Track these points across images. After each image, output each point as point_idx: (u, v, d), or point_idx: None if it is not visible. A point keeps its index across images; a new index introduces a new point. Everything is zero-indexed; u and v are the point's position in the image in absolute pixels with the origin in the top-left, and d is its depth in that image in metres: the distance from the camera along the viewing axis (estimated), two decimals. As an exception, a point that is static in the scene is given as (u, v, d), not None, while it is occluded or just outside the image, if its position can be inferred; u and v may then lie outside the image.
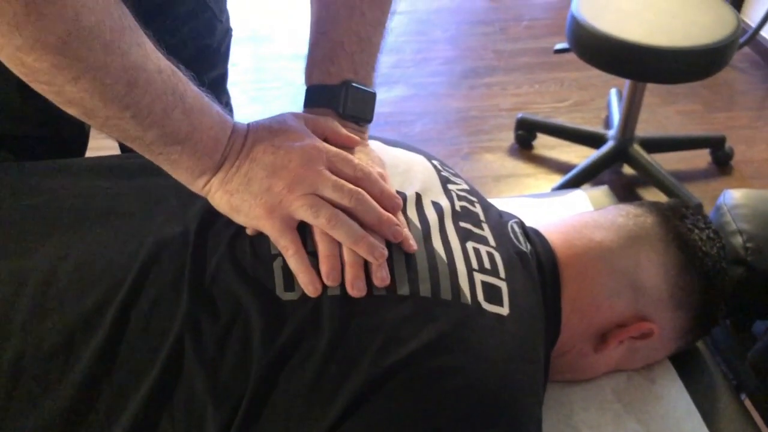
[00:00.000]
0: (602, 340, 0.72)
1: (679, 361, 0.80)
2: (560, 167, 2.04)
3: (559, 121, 2.15)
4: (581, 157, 2.02)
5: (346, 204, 0.58)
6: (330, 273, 0.56)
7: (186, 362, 0.54)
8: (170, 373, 0.54)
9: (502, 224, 0.70)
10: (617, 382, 0.77)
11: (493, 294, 0.60)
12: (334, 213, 0.57)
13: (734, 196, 0.91)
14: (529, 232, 0.74)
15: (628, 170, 2.01)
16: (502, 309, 0.60)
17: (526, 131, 2.10)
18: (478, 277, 0.60)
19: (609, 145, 1.94)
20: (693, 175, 2.03)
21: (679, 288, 0.72)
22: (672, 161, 2.01)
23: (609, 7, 1.71)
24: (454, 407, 0.54)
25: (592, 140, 2.01)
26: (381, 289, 0.57)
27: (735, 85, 2.42)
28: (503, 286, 0.62)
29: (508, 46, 2.61)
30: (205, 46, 0.89)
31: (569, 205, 1.01)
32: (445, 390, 0.54)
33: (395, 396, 0.53)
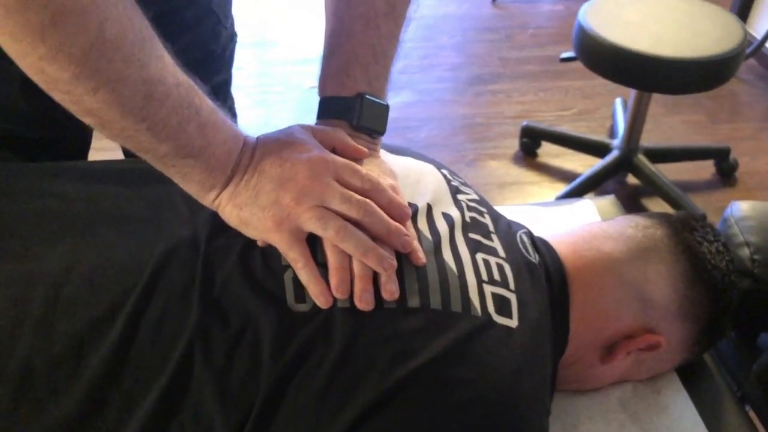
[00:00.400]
0: (609, 351, 0.72)
1: (684, 373, 0.80)
2: (564, 175, 2.04)
3: (564, 129, 2.15)
4: (585, 165, 2.02)
5: (354, 215, 0.57)
6: (339, 285, 0.56)
7: (195, 371, 0.54)
8: (179, 381, 0.54)
9: (511, 235, 0.70)
10: (623, 392, 0.77)
11: (503, 306, 0.60)
12: (343, 225, 0.57)
13: (742, 208, 0.91)
14: (538, 243, 0.74)
15: (632, 180, 2.01)
16: (511, 321, 0.60)
17: (531, 139, 2.11)
18: (488, 289, 0.61)
19: (613, 154, 1.95)
20: (697, 186, 2.03)
21: (688, 300, 0.72)
22: (676, 172, 2.01)
23: (616, 17, 1.71)
24: (463, 419, 0.54)
25: (597, 149, 2.01)
26: (391, 301, 0.57)
27: (740, 96, 2.42)
28: (512, 298, 0.62)
29: (514, 53, 2.62)
30: (209, 52, 0.90)
31: (576, 214, 1.01)
32: (454, 402, 0.54)
33: (404, 408, 0.53)
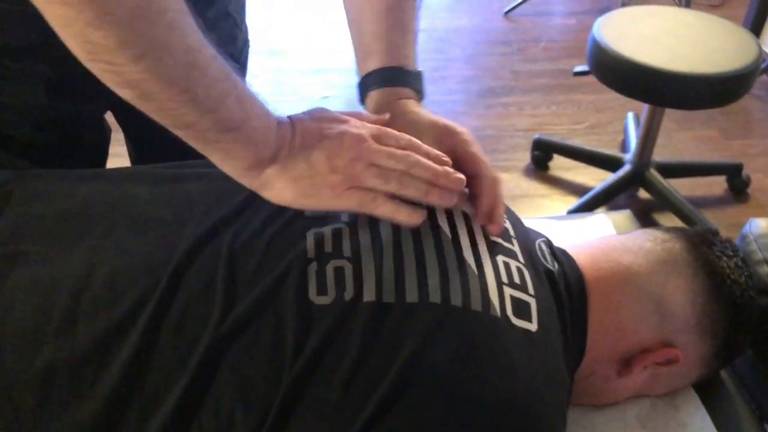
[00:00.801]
0: (626, 364, 0.71)
1: (702, 389, 0.79)
2: (576, 189, 2.04)
3: (576, 143, 2.15)
4: (597, 179, 2.01)
5: (402, 168, 0.60)
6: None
7: (216, 369, 0.54)
8: (201, 380, 0.54)
9: (530, 242, 0.70)
10: (640, 407, 0.76)
11: (521, 309, 0.60)
12: (400, 174, 0.59)
13: (761, 225, 0.91)
14: (557, 252, 0.73)
15: (643, 194, 2.01)
16: (531, 325, 0.60)
17: (543, 152, 2.11)
18: (507, 291, 0.61)
19: (626, 168, 1.94)
20: (709, 202, 2.02)
21: (706, 315, 0.71)
22: (688, 187, 2.00)
23: (630, 31, 1.72)
24: (480, 419, 0.54)
25: (609, 163, 2.01)
26: (414, 294, 0.57)
27: (752, 112, 2.41)
28: (532, 303, 0.62)
29: (526, 66, 2.62)
30: (228, 55, 0.90)
31: (592, 228, 1.00)
32: (472, 401, 0.54)
33: (421, 405, 0.53)
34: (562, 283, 0.69)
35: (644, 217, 1.97)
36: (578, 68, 2.47)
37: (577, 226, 1.01)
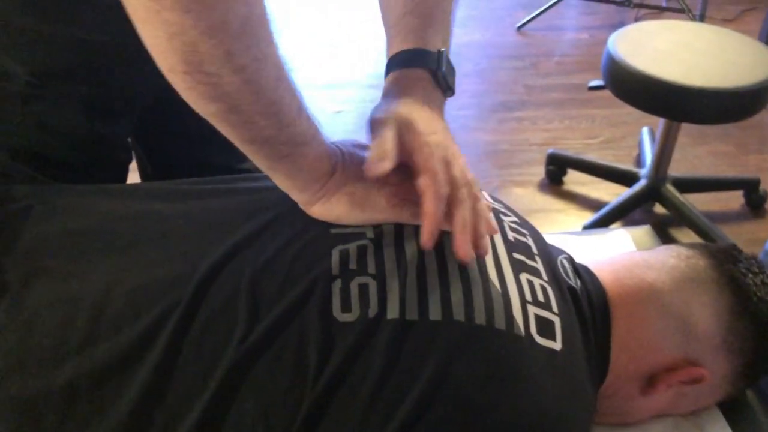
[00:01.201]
0: (650, 383, 0.70)
1: (728, 409, 0.77)
2: (591, 204, 2.03)
3: (591, 157, 2.14)
4: (612, 194, 2.00)
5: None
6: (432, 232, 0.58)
7: (238, 386, 0.53)
8: (222, 398, 0.53)
9: (552, 259, 0.69)
10: (664, 427, 0.75)
11: (546, 328, 0.60)
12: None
13: (784, 241, 0.89)
14: (580, 269, 0.73)
15: (659, 210, 1.99)
16: (555, 344, 0.59)
17: (557, 167, 2.10)
18: (531, 310, 0.60)
19: (641, 183, 1.93)
20: (726, 217, 2.00)
21: (732, 333, 0.70)
22: (705, 202, 1.99)
23: (646, 46, 1.71)
24: None
25: (624, 178, 1.99)
26: (437, 312, 0.56)
27: (768, 127, 2.40)
28: (557, 321, 0.61)
29: (539, 81, 2.62)
30: None
31: (612, 244, 0.99)
32: (496, 421, 0.54)
33: (445, 424, 0.53)
34: (585, 301, 0.68)
35: (661, 233, 1.94)
36: (593, 83, 2.47)
37: (597, 241, 1.01)
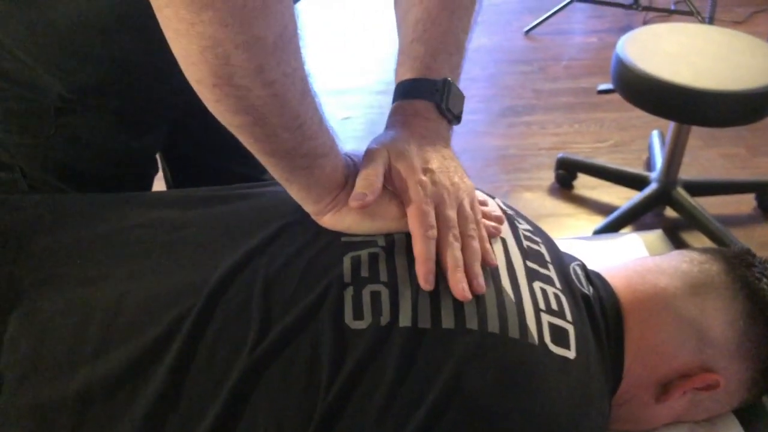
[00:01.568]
0: (664, 390, 0.70)
1: (743, 416, 0.77)
2: (601, 208, 2.02)
3: (601, 161, 2.13)
4: (623, 198, 1.99)
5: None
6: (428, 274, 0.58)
7: (251, 393, 0.54)
8: (235, 405, 0.53)
9: (565, 266, 0.69)
10: (679, 434, 0.74)
11: (559, 336, 0.59)
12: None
13: (798, 245, 0.88)
14: (592, 276, 0.72)
15: (670, 213, 1.98)
16: (569, 352, 0.59)
17: (567, 171, 2.09)
18: (545, 318, 0.60)
19: (652, 187, 1.92)
20: (738, 220, 1.99)
21: (747, 339, 0.69)
22: (716, 205, 1.97)
23: (655, 49, 1.70)
24: None
25: (635, 182, 1.99)
26: (450, 320, 0.56)
27: (780, 129, 2.38)
28: (570, 329, 0.61)
29: (547, 85, 2.62)
30: None
31: (624, 249, 0.99)
32: (509, 430, 0.53)
33: None
34: (598, 308, 0.67)
35: (672, 237, 1.93)
36: (602, 86, 2.46)
37: (608, 246, 1.00)
